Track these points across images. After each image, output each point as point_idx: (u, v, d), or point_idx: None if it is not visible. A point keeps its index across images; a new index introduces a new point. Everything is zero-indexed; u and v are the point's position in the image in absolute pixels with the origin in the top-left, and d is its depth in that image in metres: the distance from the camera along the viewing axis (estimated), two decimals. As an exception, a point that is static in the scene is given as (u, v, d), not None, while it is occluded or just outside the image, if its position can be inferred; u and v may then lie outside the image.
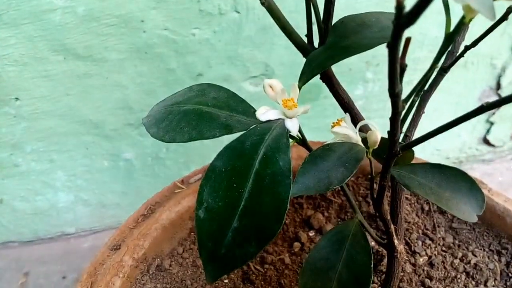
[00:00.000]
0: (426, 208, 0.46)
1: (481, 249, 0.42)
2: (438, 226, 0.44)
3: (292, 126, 0.23)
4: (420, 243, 0.43)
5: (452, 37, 0.20)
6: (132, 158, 0.65)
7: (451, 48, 0.31)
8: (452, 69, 0.69)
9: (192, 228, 0.43)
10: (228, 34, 0.56)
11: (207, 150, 0.66)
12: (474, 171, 0.79)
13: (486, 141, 0.77)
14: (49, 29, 0.52)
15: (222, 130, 0.25)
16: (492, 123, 0.75)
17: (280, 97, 0.24)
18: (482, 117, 0.74)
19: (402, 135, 0.35)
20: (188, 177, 0.46)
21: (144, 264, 0.39)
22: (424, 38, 0.61)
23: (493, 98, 0.72)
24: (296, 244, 0.44)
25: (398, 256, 0.32)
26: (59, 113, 0.59)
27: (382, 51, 0.23)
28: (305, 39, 0.27)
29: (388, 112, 0.20)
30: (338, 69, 0.61)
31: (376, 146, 0.25)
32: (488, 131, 0.76)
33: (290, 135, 0.24)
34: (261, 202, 0.21)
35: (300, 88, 0.24)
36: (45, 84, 0.56)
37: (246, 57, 0.58)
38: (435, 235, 0.44)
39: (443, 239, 0.43)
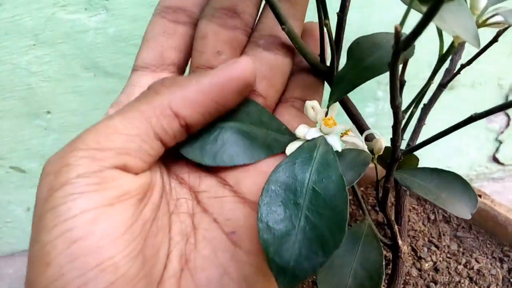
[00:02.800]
0: (432, 217, 0.49)
1: (484, 256, 0.45)
2: (444, 235, 0.48)
3: (335, 143, 0.26)
4: (426, 249, 0.46)
5: (444, 58, 0.24)
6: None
7: (449, 66, 0.35)
8: (460, 89, 0.73)
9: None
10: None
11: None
12: (484, 189, 0.82)
13: (495, 160, 0.80)
14: (81, 48, 0.57)
15: (263, 151, 0.28)
16: (501, 142, 0.78)
17: (321, 116, 0.27)
18: (491, 135, 0.77)
19: (405, 144, 0.39)
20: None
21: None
22: (434, 60, 0.65)
23: (501, 117, 0.76)
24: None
25: (402, 256, 0.35)
26: (87, 126, 0.63)
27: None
28: (318, 59, 0.31)
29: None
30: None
31: (381, 153, 0.29)
32: (497, 150, 0.79)
33: None
34: (320, 215, 0.22)
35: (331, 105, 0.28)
36: (75, 99, 0.61)
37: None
38: (440, 242, 0.47)
39: (448, 246, 0.47)
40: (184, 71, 0.33)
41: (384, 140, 0.29)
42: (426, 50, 0.65)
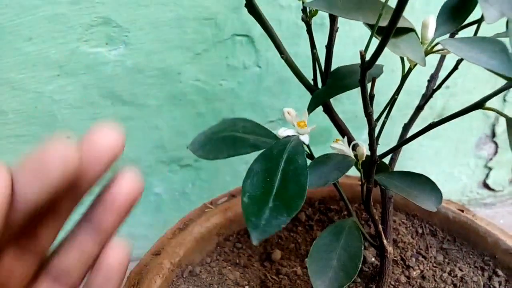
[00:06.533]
0: (420, 231, 0.55)
1: (467, 265, 0.51)
2: (430, 247, 0.53)
3: (305, 139, 0.34)
4: (414, 259, 0.52)
5: (405, 77, 0.31)
6: (161, 192, 0.76)
7: (425, 92, 0.42)
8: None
9: (218, 242, 0.53)
10: (251, 84, 0.68)
11: (229, 186, 0.76)
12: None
13: (486, 186, 0.86)
14: (101, 78, 0.64)
15: (252, 148, 0.36)
16: (490, 168, 0.84)
17: (295, 120, 0.34)
18: (480, 162, 0.83)
19: (389, 158, 0.46)
20: (216, 200, 0.56)
21: (179, 269, 0.49)
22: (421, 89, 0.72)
23: (489, 145, 0.82)
24: (307, 260, 0.53)
25: (388, 256, 0.41)
26: (102, 150, 0.70)
27: (385, 99, 0.34)
28: (312, 82, 0.39)
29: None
30: (346, 116, 0.73)
31: (364, 158, 0.35)
32: (487, 176, 0.85)
33: None
34: (287, 188, 0.30)
35: (308, 114, 0.35)
36: (93, 125, 0.68)
37: (266, 104, 0.70)
38: (427, 254, 0.52)
39: (435, 257, 0.52)
40: None
41: (366, 148, 0.35)
42: (416, 83, 0.73)
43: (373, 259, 0.52)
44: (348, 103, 0.74)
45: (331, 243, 0.36)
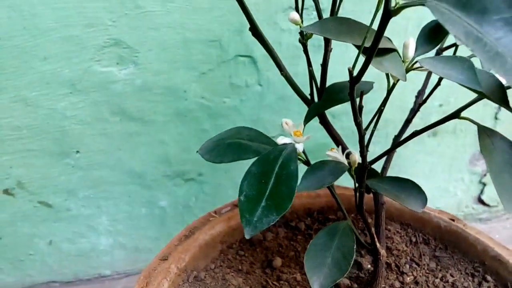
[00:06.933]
0: (414, 240, 0.59)
1: (458, 272, 0.54)
2: (424, 255, 0.57)
3: (299, 147, 0.38)
4: (408, 266, 0.55)
5: (390, 91, 0.35)
6: (166, 206, 0.79)
7: (413, 106, 0.46)
8: (443, 135, 0.85)
9: (222, 250, 0.57)
10: (252, 102, 0.73)
11: (232, 199, 0.80)
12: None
13: (481, 201, 0.90)
14: (111, 96, 0.69)
15: (254, 154, 0.40)
16: (484, 184, 0.88)
17: (292, 129, 0.39)
18: (475, 178, 0.87)
19: (381, 168, 0.50)
20: (220, 209, 0.60)
21: (184, 273, 0.52)
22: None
23: (483, 161, 0.86)
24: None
25: (381, 258, 0.45)
26: (111, 165, 0.74)
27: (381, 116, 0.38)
28: (309, 97, 0.43)
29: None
30: (344, 132, 0.77)
31: (356, 165, 0.39)
32: (481, 192, 0.89)
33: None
34: (279, 190, 0.34)
35: (304, 125, 0.39)
36: (102, 140, 0.72)
37: (266, 121, 0.75)
38: (420, 261, 0.56)
39: (427, 264, 0.56)
40: None
41: (357, 155, 0.39)
42: (410, 101, 0.77)
43: (368, 266, 0.56)
44: (346, 120, 0.79)
45: (326, 242, 0.40)
